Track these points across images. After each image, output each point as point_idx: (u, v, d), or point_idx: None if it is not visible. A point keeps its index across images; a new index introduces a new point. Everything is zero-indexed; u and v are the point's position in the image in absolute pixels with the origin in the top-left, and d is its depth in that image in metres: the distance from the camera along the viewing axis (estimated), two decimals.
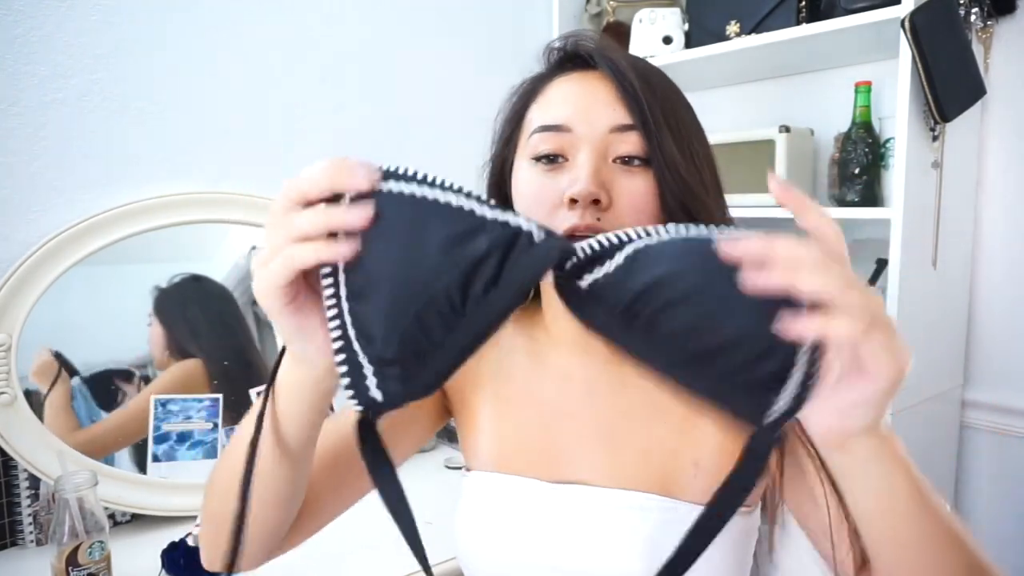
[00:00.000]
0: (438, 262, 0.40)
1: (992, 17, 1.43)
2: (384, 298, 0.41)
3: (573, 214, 0.60)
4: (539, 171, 0.64)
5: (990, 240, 1.53)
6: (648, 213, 0.62)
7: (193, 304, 1.34)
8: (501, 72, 1.81)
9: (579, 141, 0.63)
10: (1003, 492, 1.53)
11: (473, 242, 0.40)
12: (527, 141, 0.66)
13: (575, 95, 0.65)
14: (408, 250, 0.41)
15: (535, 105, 0.68)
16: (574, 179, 0.61)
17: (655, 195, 0.62)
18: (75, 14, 1.21)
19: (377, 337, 0.42)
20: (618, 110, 0.63)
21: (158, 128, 1.31)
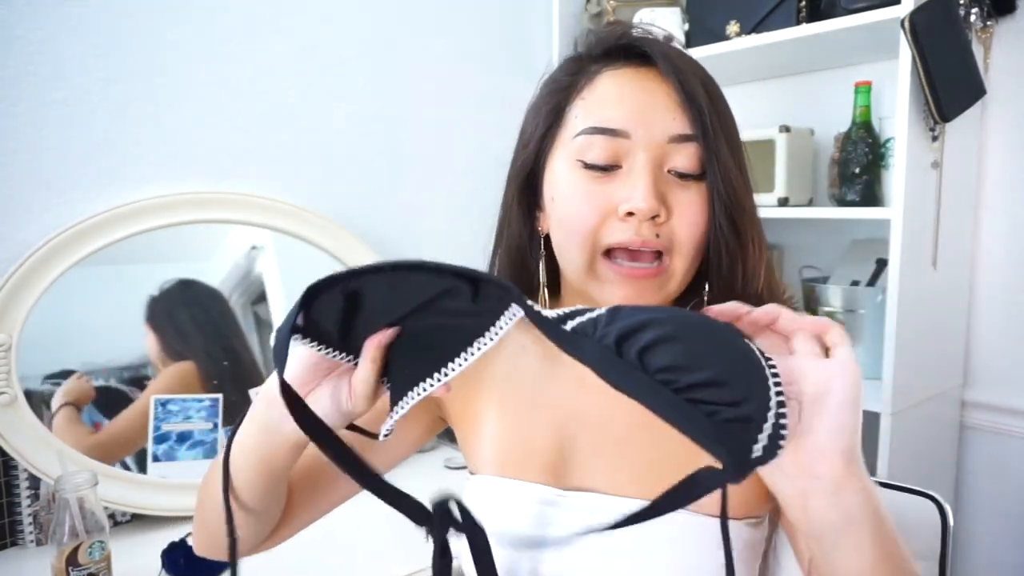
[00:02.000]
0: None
1: (992, 17, 1.43)
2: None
3: (628, 227, 0.58)
4: (586, 177, 0.61)
5: (990, 240, 1.53)
6: (701, 228, 0.61)
7: (182, 308, 1.34)
8: (501, 72, 1.82)
9: (635, 148, 0.60)
10: (1003, 492, 1.53)
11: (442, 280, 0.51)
12: (572, 139, 0.62)
13: (632, 95, 0.61)
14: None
15: (581, 100, 0.63)
16: (631, 190, 0.58)
17: (707, 207, 0.60)
18: (75, 14, 1.21)
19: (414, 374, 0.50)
20: (679, 118, 0.60)
21: (158, 128, 1.31)
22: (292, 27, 1.46)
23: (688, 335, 0.43)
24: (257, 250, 1.41)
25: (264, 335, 1.41)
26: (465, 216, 1.73)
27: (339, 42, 1.53)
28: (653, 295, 0.61)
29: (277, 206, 1.40)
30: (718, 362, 0.42)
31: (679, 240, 0.60)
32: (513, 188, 0.69)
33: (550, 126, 0.66)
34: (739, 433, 0.42)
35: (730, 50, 1.54)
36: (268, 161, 1.44)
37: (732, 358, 0.43)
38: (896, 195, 1.32)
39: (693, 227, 0.60)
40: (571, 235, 0.61)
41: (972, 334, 1.56)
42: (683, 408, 0.43)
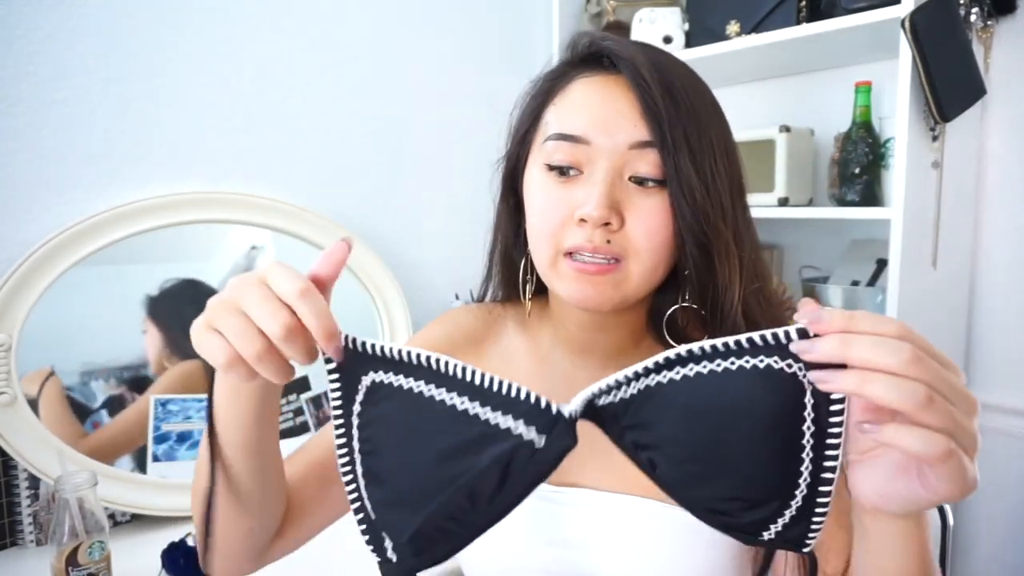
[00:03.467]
0: (440, 475, 0.42)
1: (992, 17, 1.43)
2: (395, 494, 0.44)
3: (582, 233, 0.60)
4: (552, 181, 0.63)
5: (990, 240, 1.53)
6: (661, 235, 0.61)
7: (190, 305, 1.34)
8: (501, 72, 1.82)
9: (596, 155, 0.61)
10: (1003, 492, 1.53)
11: (475, 456, 0.42)
12: (542, 145, 0.64)
13: (595, 103, 0.62)
14: (410, 454, 0.43)
15: (553, 106, 0.65)
16: (586, 197, 0.59)
17: (670, 216, 0.61)
18: (75, 14, 1.21)
19: (393, 523, 0.45)
20: (639, 126, 0.60)
21: (158, 128, 1.31)
22: (292, 27, 1.46)
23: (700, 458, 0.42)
24: (257, 250, 1.41)
25: None
26: (465, 216, 1.73)
27: (339, 42, 1.53)
28: (610, 292, 0.61)
29: (277, 206, 1.40)
30: (726, 484, 0.43)
31: (635, 246, 0.60)
32: (501, 188, 0.72)
33: (527, 130, 0.68)
34: (748, 529, 0.44)
35: (730, 50, 1.54)
36: (268, 161, 1.44)
37: (748, 475, 0.42)
38: (896, 195, 1.32)
39: (651, 234, 0.60)
40: (536, 235, 0.64)
41: (972, 334, 1.56)
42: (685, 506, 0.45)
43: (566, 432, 0.43)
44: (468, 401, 0.43)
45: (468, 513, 0.44)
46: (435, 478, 0.43)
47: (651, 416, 0.43)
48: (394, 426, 0.44)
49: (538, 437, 0.42)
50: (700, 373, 0.43)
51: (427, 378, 0.44)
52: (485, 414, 0.42)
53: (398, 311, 1.53)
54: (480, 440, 0.42)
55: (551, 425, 0.42)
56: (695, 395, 0.43)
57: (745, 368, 0.42)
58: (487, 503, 0.43)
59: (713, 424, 0.42)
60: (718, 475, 0.43)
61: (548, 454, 0.43)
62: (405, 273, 1.61)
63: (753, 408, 0.42)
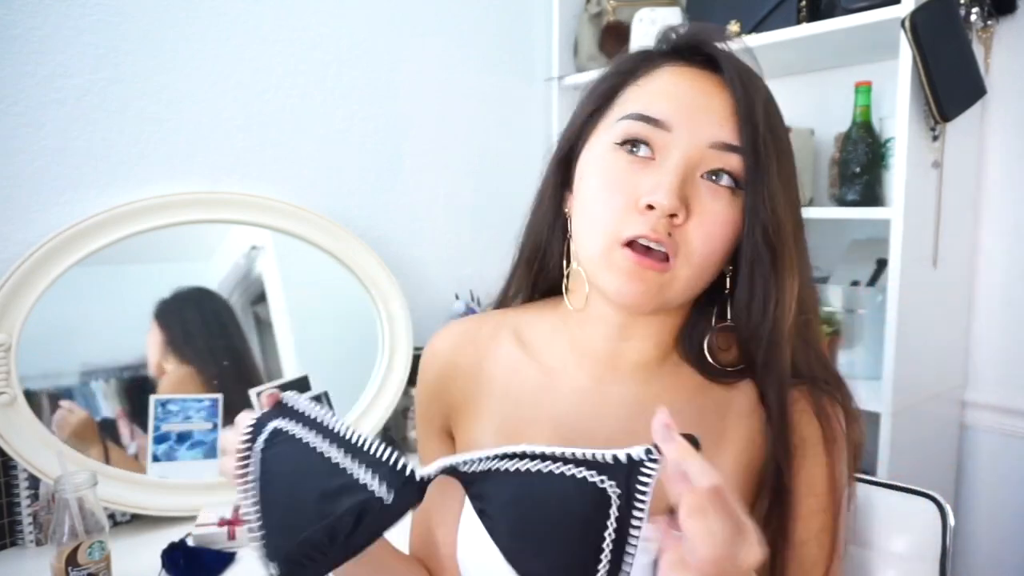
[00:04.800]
0: (310, 513, 0.52)
1: (992, 17, 1.43)
2: (278, 520, 0.54)
3: (644, 221, 0.57)
4: (621, 159, 0.60)
5: (990, 240, 1.53)
6: (718, 242, 0.59)
7: (191, 307, 1.34)
8: (501, 72, 1.82)
9: (674, 144, 0.59)
10: (1003, 492, 1.53)
11: (338, 501, 0.51)
12: (614, 124, 0.61)
13: (684, 92, 0.60)
14: (292, 491, 0.53)
15: (635, 86, 0.62)
16: (657, 184, 0.57)
17: (734, 224, 0.59)
18: (75, 14, 1.21)
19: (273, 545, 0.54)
20: (726, 127, 0.59)
21: (158, 128, 1.31)
22: (292, 27, 1.46)
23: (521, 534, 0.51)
24: (257, 250, 1.41)
25: (264, 335, 1.41)
26: (465, 216, 1.73)
27: (339, 42, 1.53)
28: (655, 291, 0.59)
29: (277, 206, 1.40)
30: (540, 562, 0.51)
31: (690, 246, 0.58)
32: (552, 164, 0.69)
33: (599, 106, 0.65)
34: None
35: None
36: (268, 161, 1.44)
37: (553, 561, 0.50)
38: (896, 195, 1.32)
39: (710, 237, 0.58)
40: (592, 221, 0.61)
41: (972, 334, 1.56)
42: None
43: (414, 492, 0.52)
44: (343, 456, 0.53)
45: (327, 548, 0.52)
46: (306, 514, 0.52)
47: (489, 492, 0.52)
48: (284, 463, 0.55)
49: (387, 495, 0.51)
50: (533, 470, 0.51)
51: (317, 430, 0.54)
52: (352, 468, 0.52)
53: (398, 311, 1.53)
54: (341, 490, 0.52)
55: (401, 485, 0.51)
56: (524, 486, 0.52)
57: (568, 476, 0.50)
58: (343, 542, 0.52)
59: (534, 513, 0.51)
60: (534, 555, 0.51)
61: (394, 509, 0.52)
62: (405, 273, 1.61)
63: (565, 507, 0.50)
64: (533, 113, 1.85)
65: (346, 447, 0.53)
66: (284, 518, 0.54)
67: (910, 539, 0.81)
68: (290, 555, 0.53)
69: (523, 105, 1.84)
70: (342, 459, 0.53)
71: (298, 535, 0.52)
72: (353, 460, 0.52)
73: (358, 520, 0.51)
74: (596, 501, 0.50)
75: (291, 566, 0.54)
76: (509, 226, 0.75)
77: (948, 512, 0.80)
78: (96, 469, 1.14)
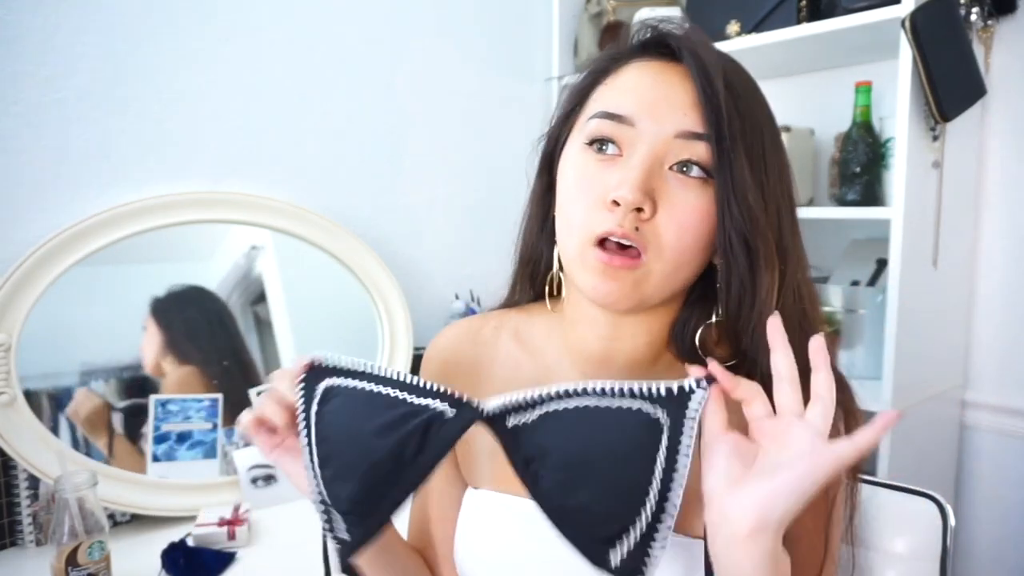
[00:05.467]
0: (374, 445, 0.54)
1: (992, 17, 1.43)
2: (340, 466, 0.55)
3: (613, 217, 0.57)
4: (590, 159, 0.60)
5: (990, 240, 1.53)
6: (691, 234, 0.58)
7: (191, 306, 1.35)
8: (501, 72, 1.82)
9: (639, 138, 0.58)
10: (1003, 492, 1.53)
11: (403, 425, 0.54)
12: (585, 124, 0.62)
13: (647, 86, 0.60)
14: (350, 432, 0.55)
15: (603, 86, 0.63)
16: (622, 180, 0.57)
17: (707, 215, 0.58)
18: (75, 14, 1.21)
19: (337, 495, 0.55)
20: (690, 115, 0.58)
21: (158, 128, 1.31)
22: (292, 27, 1.46)
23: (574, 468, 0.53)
24: (257, 250, 1.41)
25: (264, 335, 1.41)
26: (465, 216, 1.73)
27: (339, 42, 1.53)
28: (628, 290, 0.59)
29: (277, 206, 1.40)
30: (587, 495, 0.52)
31: (662, 240, 0.58)
32: (538, 168, 0.69)
33: (573, 108, 0.65)
34: (598, 548, 0.53)
35: (730, 50, 1.53)
36: (268, 161, 1.44)
37: (607, 489, 0.52)
38: (896, 195, 1.32)
39: (681, 229, 0.58)
40: (567, 220, 0.62)
41: (972, 334, 1.56)
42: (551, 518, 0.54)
43: (472, 412, 0.54)
44: (399, 391, 0.55)
45: (394, 474, 0.54)
46: (369, 447, 0.53)
47: (544, 434, 0.54)
48: (340, 414, 0.56)
49: (449, 410, 0.54)
50: (587, 406, 0.53)
51: (368, 379, 0.57)
52: (411, 398, 0.55)
53: (398, 311, 1.53)
54: (405, 416, 0.54)
55: (460, 404, 0.54)
56: (582, 420, 0.53)
57: (622, 408, 0.53)
58: (409, 464, 0.53)
59: (591, 441, 0.53)
60: (583, 484, 0.52)
61: (456, 423, 0.54)
62: (405, 273, 1.61)
63: (622, 436, 0.53)
64: (533, 113, 1.85)
65: (400, 386, 0.56)
66: (344, 461, 0.55)
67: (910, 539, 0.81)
68: (355, 497, 0.54)
69: (523, 105, 1.84)
70: (399, 394, 0.55)
71: (361, 469, 0.54)
72: (410, 394, 0.55)
73: (423, 439, 0.53)
74: (649, 430, 0.52)
75: (359, 512, 0.55)
76: (509, 226, 0.75)
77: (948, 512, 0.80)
78: (96, 469, 1.14)
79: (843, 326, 1.50)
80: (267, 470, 1.27)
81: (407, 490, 0.55)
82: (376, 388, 0.56)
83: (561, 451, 0.53)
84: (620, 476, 0.52)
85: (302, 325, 1.44)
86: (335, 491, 0.55)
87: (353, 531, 0.56)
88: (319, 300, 1.50)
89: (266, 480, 1.27)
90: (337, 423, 0.56)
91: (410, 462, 0.54)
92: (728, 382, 0.53)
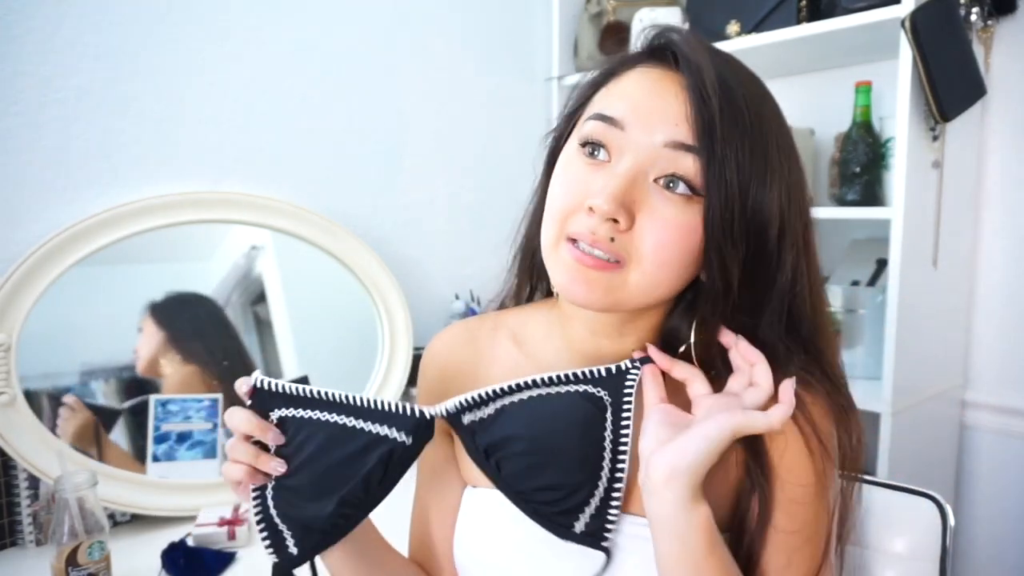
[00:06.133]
0: (343, 475, 0.58)
1: (992, 17, 1.43)
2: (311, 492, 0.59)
3: (588, 222, 0.57)
4: (580, 161, 0.61)
5: (990, 240, 1.53)
6: (670, 250, 0.57)
7: (188, 307, 1.35)
8: (501, 72, 1.82)
9: (627, 145, 0.58)
10: (1003, 492, 1.53)
11: (367, 456, 0.58)
12: (583, 123, 0.62)
13: (644, 94, 0.59)
14: (319, 463, 0.59)
15: (605, 88, 0.63)
16: (602, 188, 0.57)
17: (691, 231, 0.57)
18: (75, 14, 1.21)
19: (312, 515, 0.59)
20: (682, 126, 0.57)
21: (158, 128, 1.31)
22: (292, 27, 1.46)
23: (534, 451, 0.59)
24: (257, 250, 1.41)
25: (264, 335, 1.41)
26: (465, 216, 1.73)
27: (339, 42, 1.53)
28: (600, 294, 0.59)
29: (277, 206, 1.41)
30: (551, 473, 0.59)
31: (640, 253, 0.57)
32: (544, 167, 0.70)
33: (576, 108, 0.66)
34: (562, 520, 0.60)
35: (730, 50, 1.52)
36: (268, 161, 1.44)
37: (566, 465, 0.59)
38: (896, 195, 1.32)
39: (660, 245, 0.57)
40: (546, 214, 0.62)
41: (972, 334, 1.56)
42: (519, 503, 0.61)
43: (428, 430, 0.60)
44: (354, 420, 0.59)
45: (363, 499, 0.59)
46: (339, 477, 0.58)
47: (501, 426, 0.60)
48: (302, 446, 0.59)
49: (407, 438, 0.59)
50: (541, 395, 0.61)
51: (320, 407, 0.59)
52: (367, 427, 0.58)
53: (398, 311, 1.53)
54: (366, 447, 0.58)
55: (416, 428, 0.59)
56: (535, 408, 0.60)
57: (569, 392, 0.61)
58: (376, 488, 0.59)
59: (546, 426, 0.59)
60: (547, 464, 0.59)
61: (415, 447, 0.59)
62: (405, 273, 1.61)
63: (572, 416, 0.60)
64: (533, 113, 1.85)
65: (353, 411, 0.59)
66: (316, 488, 0.59)
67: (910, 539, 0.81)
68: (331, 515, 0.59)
69: (523, 105, 1.84)
70: (355, 422, 0.59)
71: (335, 496, 0.58)
72: (365, 420, 0.59)
73: (386, 466, 0.58)
74: (595, 407, 0.61)
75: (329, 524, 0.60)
76: (509, 226, 0.76)
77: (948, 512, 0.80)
78: (96, 469, 1.14)
79: (843, 326, 1.50)
80: None
81: (367, 511, 0.61)
82: (330, 417, 0.59)
83: (521, 439, 0.59)
84: (576, 452, 0.59)
85: (302, 325, 1.44)
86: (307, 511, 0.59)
87: (307, 544, 0.61)
88: (319, 300, 1.50)
89: None
90: (300, 455, 0.59)
91: (376, 488, 0.59)
92: (664, 362, 0.63)
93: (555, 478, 0.59)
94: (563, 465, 0.59)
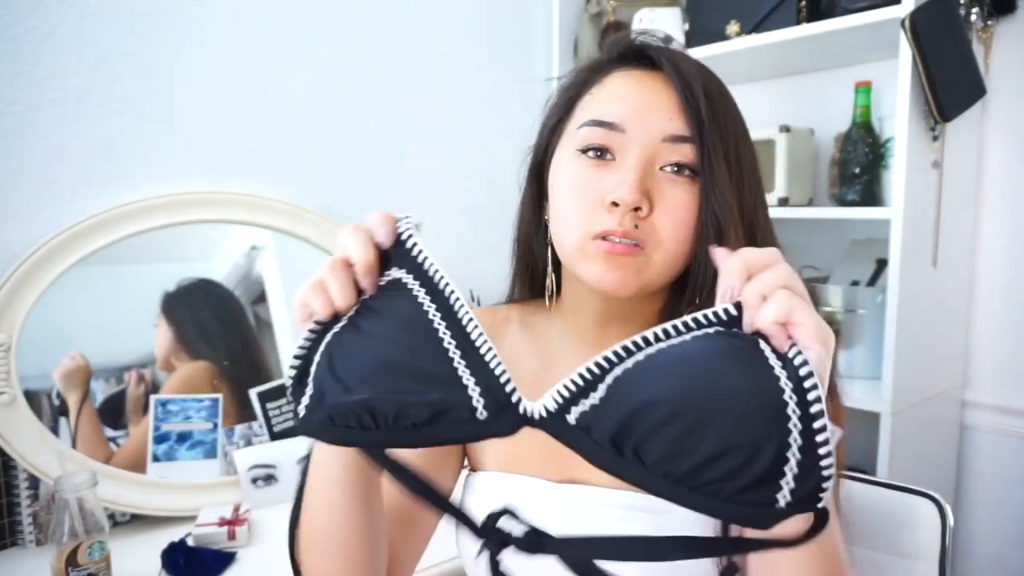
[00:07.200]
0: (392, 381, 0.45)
1: (992, 17, 1.43)
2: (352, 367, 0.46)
3: (612, 218, 0.61)
4: (584, 165, 0.64)
5: (990, 240, 1.53)
6: (686, 226, 0.63)
7: (202, 304, 1.35)
8: (501, 72, 1.82)
9: (630, 143, 0.63)
10: (1003, 492, 1.53)
11: (428, 386, 0.44)
12: (575, 132, 0.66)
13: (633, 95, 0.64)
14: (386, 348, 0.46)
15: (589, 96, 0.67)
16: (619, 183, 0.61)
17: (695, 208, 0.63)
18: (75, 14, 1.21)
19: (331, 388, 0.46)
20: (675, 120, 0.63)
21: (158, 128, 1.31)
22: (292, 27, 1.46)
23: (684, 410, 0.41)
24: (257, 250, 1.41)
25: (264, 335, 1.41)
26: (465, 216, 1.73)
27: (339, 42, 1.53)
28: (632, 277, 0.62)
29: (277, 206, 1.40)
30: (716, 432, 0.40)
31: (660, 235, 0.62)
32: (527, 176, 0.74)
33: (560, 117, 0.69)
34: (751, 498, 0.40)
35: (730, 50, 1.54)
36: (268, 161, 1.44)
37: (736, 414, 0.40)
38: (896, 195, 1.32)
39: (677, 224, 0.62)
40: (564, 220, 0.65)
41: (972, 334, 1.56)
42: (685, 496, 0.41)
43: (508, 423, 0.44)
44: (455, 346, 0.45)
45: (386, 424, 0.45)
46: (387, 380, 0.45)
47: (621, 402, 0.42)
48: (390, 321, 0.47)
49: (483, 412, 0.44)
50: (661, 349, 0.43)
51: (438, 305, 0.47)
52: (458, 363, 0.45)
53: None
54: (438, 379, 0.44)
55: (500, 410, 0.44)
56: (660, 364, 0.42)
57: (699, 335, 0.43)
58: (405, 428, 0.45)
59: (688, 371, 0.42)
60: (708, 420, 0.40)
61: (480, 428, 0.44)
62: None
63: (717, 351, 0.42)
64: (533, 113, 1.85)
65: (461, 337, 0.46)
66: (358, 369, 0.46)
67: (910, 539, 0.81)
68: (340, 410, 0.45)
69: (523, 105, 1.84)
70: (453, 348, 0.46)
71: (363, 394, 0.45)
72: (464, 356, 0.45)
73: (435, 417, 0.44)
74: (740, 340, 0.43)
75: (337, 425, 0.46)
76: (509, 226, 0.77)
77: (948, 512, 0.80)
78: (96, 469, 1.14)
79: (843, 326, 1.50)
80: (267, 470, 1.27)
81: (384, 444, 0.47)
82: (438, 321, 0.46)
83: (662, 403, 0.41)
84: (745, 392, 0.41)
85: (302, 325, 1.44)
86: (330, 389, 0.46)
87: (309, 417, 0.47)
88: None
89: (266, 480, 1.27)
90: (381, 326, 0.47)
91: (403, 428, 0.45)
92: None
93: (725, 438, 0.40)
94: (732, 414, 0.40)
